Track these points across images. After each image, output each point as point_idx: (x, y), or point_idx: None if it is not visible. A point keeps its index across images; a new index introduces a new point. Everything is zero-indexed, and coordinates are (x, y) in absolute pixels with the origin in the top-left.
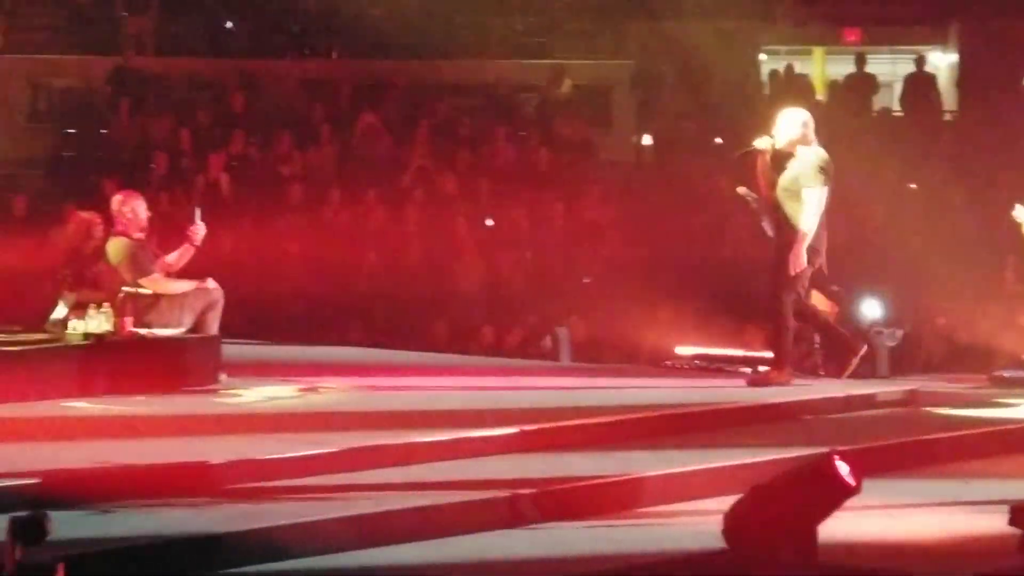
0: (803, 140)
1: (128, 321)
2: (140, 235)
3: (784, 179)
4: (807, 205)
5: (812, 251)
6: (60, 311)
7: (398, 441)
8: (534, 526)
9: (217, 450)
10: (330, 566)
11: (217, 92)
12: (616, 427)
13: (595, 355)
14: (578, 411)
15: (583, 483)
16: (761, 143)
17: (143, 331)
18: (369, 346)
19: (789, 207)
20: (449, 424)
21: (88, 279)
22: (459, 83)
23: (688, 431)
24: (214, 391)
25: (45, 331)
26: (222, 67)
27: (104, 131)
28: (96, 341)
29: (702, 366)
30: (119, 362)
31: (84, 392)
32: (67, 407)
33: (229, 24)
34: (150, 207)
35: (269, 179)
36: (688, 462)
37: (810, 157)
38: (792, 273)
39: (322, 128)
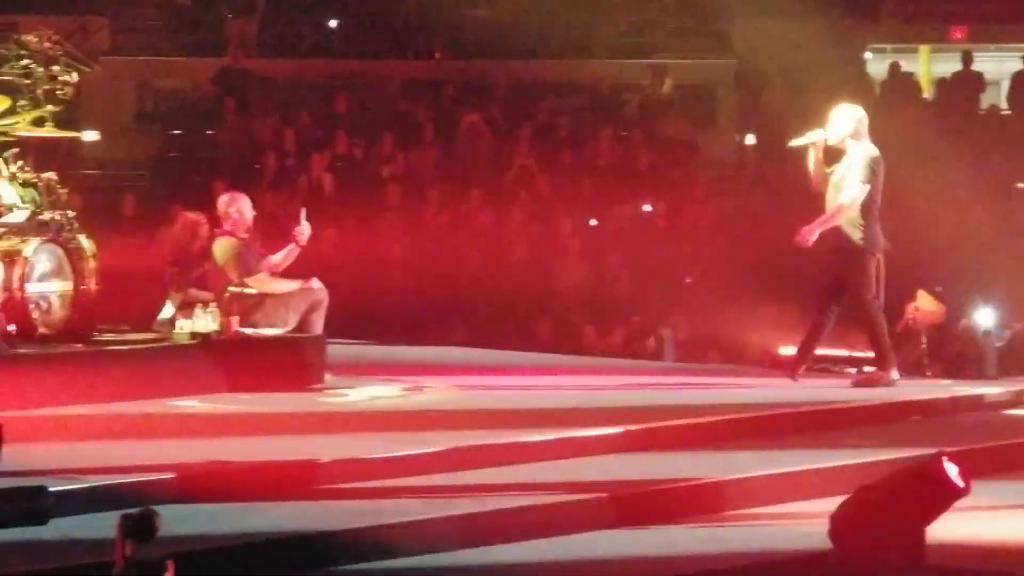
0: (855, 136)
1: (234, 321)
2: (246, 235)
3: (834, 175)
4: (845, 195)
5: (879, 249)
6: (167, 311)
7: (502, 441)
8: (639, 526)
9: (322, 449)
10: (434, 565)
11: (321, 93)
12: (721, 427)
13: (698, 355)
14: (682, 411)
15: (688, 483)
16: (814, 137)
17: (249, 331)
18: (472, 346)
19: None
20: (552, 424)
21: (195, 279)
22: (561, 83)
23: (794, 432)
24: (319, 390)
25: (153, 331)
26: (326, 68)
27: (210, 132)
28: (203, 340)
29: (807, 366)
30: (225, 361)
31: (191, 391)
32: (175, 406)
33: (333, 24)
34: (255, 207)
35: (372, 179)
36: (794, 463)
37: (858, 154)
38: (797, 244)
39: (425, 128)
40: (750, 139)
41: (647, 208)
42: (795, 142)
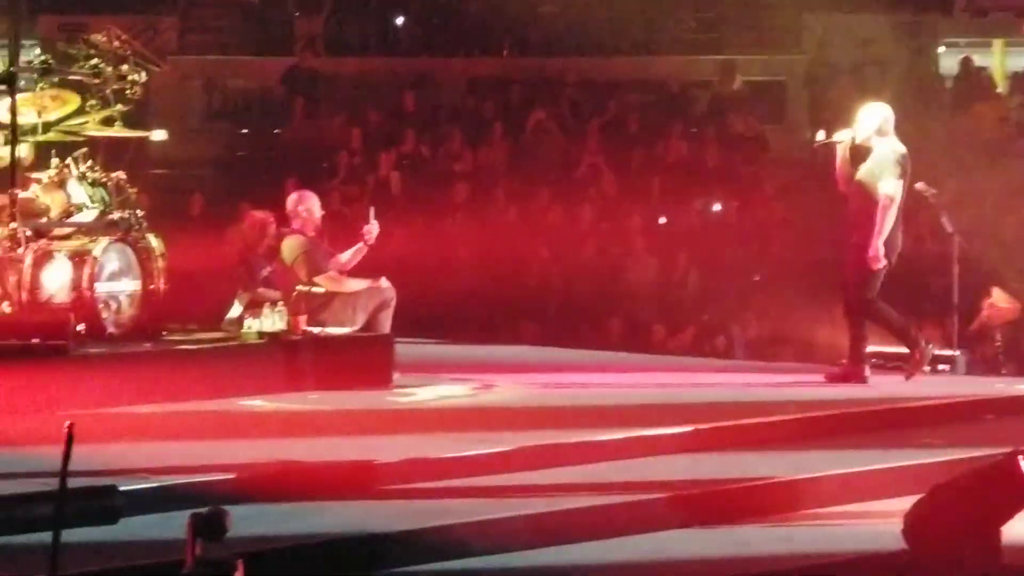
0: (881, 134)
1: (302, 320)
2: (314, 234)
3: (860, 173)
4: (881, 200)
5: (888, 247)
6: (236, 310)
7: (572, 440)
8: (709, 526)
9: (390, 448)
10: (504, 565)
11: (388, 91)
12: (791, 426)
13: (768, 353)
14: (752, 410)
15: (759, 483)
16: (841, 136)
17: (317, 330)
18: (541, 344)
19: (864, 203)
20: (622, 423)
21: (263, 278)
22: (630, 80)
23: (865, 431)
24: (388, 390)
25: (221, 330)
26: (393, 66)
27: (277, 131)
28: (271, 340)
29: (878, 364)
30: (293, 361)
31: (259, 390)
32: (243, 405)
33: (399, 21)
34: (323, 206)
35: (440, 177)
36: (866, 462)
37: (885, 152)
38: (874, 269)
39: (493, 126)
40: (820, 135)
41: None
42: (821, 141)
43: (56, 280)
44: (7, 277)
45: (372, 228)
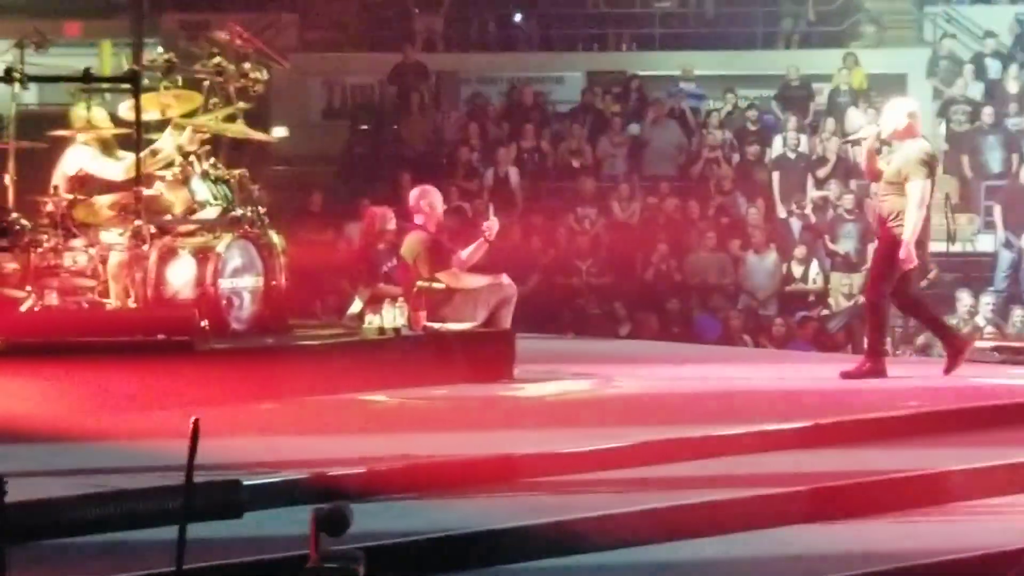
0: (908, 132)
1: (423, 315)
2: (436, 229)
3: (888, 171)
4: (911, 198)
5: (920, 246)
6: (356, 306)
7: (694, 434)
8: (832, 521)
9: (511, 444)
10: (626, 561)
11: (507, 86)
12: (914, 420)
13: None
14: (874, 404)
15: (881, 477)
16: (867, 131)
17: (437, 325)
18: (661, 339)
19: (892, 200)
20: (744, 417)
21: (383, 274)
22: (749, 74)
23: (991, 425)
24: (508, 385)
25: (342, 326)
26: (511, 61)
27: (396, 127)
28: (392, 335)
29: (1001, 359)
30: (414, 356)
31: (380, 386)
32: (364, 401)
33: (518, 17)
34: (444, 201)
35: (559, 172)
36: (991, 457)
37: (912, 149)
38: (906, 268)
39: (612, 121)
40: (942, 128)
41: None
42: (850, 137)
43: (180, 277)
44: (133, 274)
45: (492, 225)
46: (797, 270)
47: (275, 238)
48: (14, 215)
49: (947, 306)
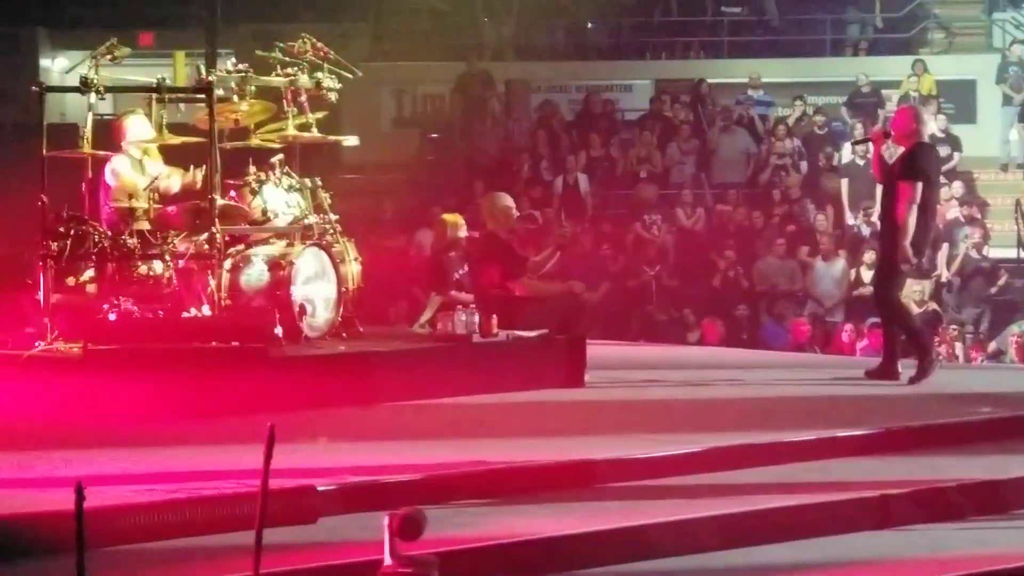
0: (913, 134)
1: (494, 322)
2: (508, 236)
3: (892, 174)
4: (900, 199)
5: (920, 252)
6: (428, 312)
7: (764, 440)
8: (903, 527)
9: (582, 449)
10: (696, 566)
11: (576, 93)
12: (984, 426)
13: (957, 353)
14: (942, 410)
15: (951, 483)
16: (875, 131)
17: (509, 332)
18: (729, 345)
19: (892, 202)
20: (812, 423)
21: (455, 280)
22: (818, 81)
23: None
24: (579, 391)
25: (414, 332)
26: (580, 69)
27: (465, 135)
28: (463, 342)
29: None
30: (486, 363)
31: (453, 392)
32: (437, 406)
33: (590, 25)
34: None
35: (628, 180)
36: None
37: (912, 152)
38: (902, 268)
39: (680, 128)
40: (1013, 135)
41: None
42: (856, 139)
43: (254, 284)
44: (207, 281)
45: (565, 232)
46: (867, 276)
47: (347, 245)
48: (90, 223)
49: (1019, 313)
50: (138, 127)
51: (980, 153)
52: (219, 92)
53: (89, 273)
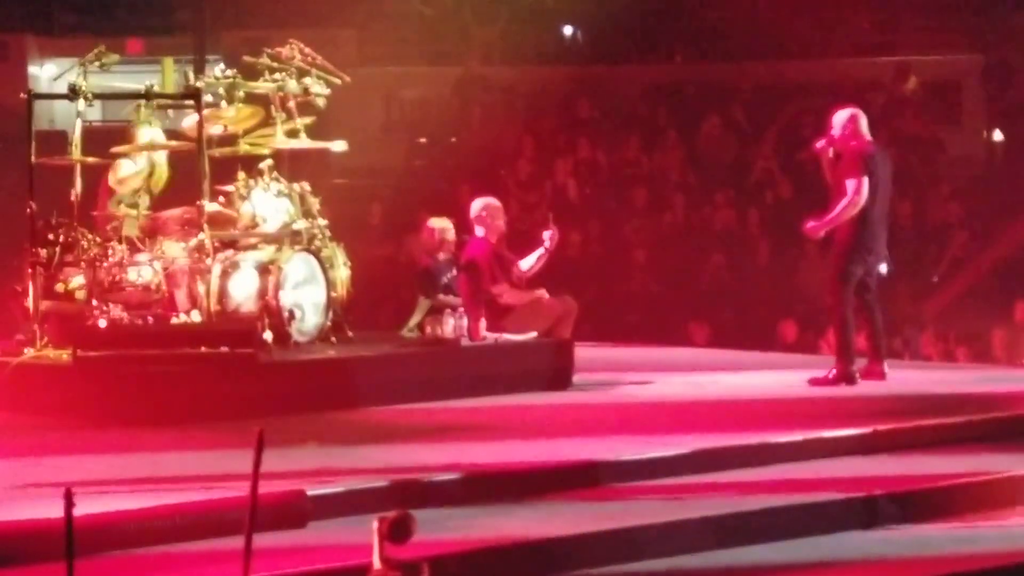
0: (852, 136)
1: (482, 326)
2: (497, 241)
3: (833, 177)
4: (845, 196)
5: (868, 251)
6: (417, 316)
7: (749, 442)
8: (891, 527)
9: (570, 451)
10: (684, 566)
11: (563, 98)
12: (972, 426)
13: (946, 354)
14: (931, 410)
15: (942, 483)
16: (820, 143)
17: (497, 336)
18: (716, 347)
19: (836, 202)
20: (800, 424)
21: (443, 285)
22: (804, 83)
23: None
24: (567, 394)
25: (403, 336)
26: (567, 74)
27: (454, 139)
28: (452, 346)
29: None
30: (474, 366)
31: (441, 395)
32: (426, 410)
33: (570, 30)
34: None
35: (615, 184)
36: None
37: (850, 151)
38: (816, 236)
39: (667, 132)
40: (998, 135)
41: None
42: (805, 153)
43: (243, 290)
44: (196, 287)
45: (552, 234)
46: None
47: (336, 250)
48: (79, 229)
49: None
50: (145, 135)
51: (964, 154)
52: (208, 98)
53: (78, 280)
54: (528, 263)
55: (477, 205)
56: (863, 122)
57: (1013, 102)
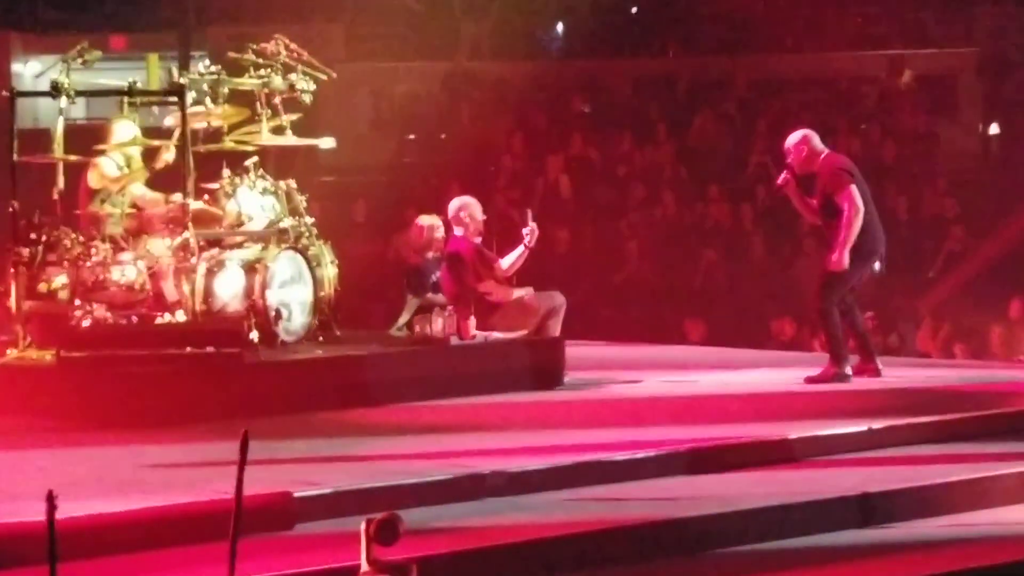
0: (813, 155)
1: (472, 324)
2: (478, 239)
3: (820, 199)
4: (844, 211)
5: (872, 253)
6: (405, 315)
7: (742, 439)
8: (887, 525)
9: (563, 450)
10: (682, 566)
11: (554, 93)
12: (968, 423)
13: (943, 350)
14: (928, 407)
15: (937, 481)
16: (781, 178)
17: (486, 334)
18: (710, 344)
19: (829, 218)
20: (796, 420)
21: (432, 283)
22: (798, 77)
23: None
24: (557, 392)
25: (391, 335)
26: (559, 69)
27: (443, 135)
28: (441, 344)
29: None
30: (463, 365)
31: (430, 395)
32: (414, 409)
33: (559, 27)
34: (488, 210)
35: (608, 179)
36: None
37: (825, 168)
38: (835, 272)
39: (659, 127)
40: (994, 129)
41: None
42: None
43: (229, 288)
44: (181, 286)
45: (531, 231)
46: None
47: (323, 248)
48: (62, 228)
49: None
50: (124, 131)
51: (960, 148)
52: (192, 95)
53: (61, 279)
54: (508, 261)
55: (455, 205)
56: (815, 139)
57: (1008, 96)
